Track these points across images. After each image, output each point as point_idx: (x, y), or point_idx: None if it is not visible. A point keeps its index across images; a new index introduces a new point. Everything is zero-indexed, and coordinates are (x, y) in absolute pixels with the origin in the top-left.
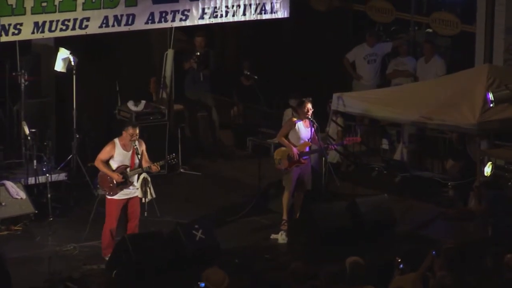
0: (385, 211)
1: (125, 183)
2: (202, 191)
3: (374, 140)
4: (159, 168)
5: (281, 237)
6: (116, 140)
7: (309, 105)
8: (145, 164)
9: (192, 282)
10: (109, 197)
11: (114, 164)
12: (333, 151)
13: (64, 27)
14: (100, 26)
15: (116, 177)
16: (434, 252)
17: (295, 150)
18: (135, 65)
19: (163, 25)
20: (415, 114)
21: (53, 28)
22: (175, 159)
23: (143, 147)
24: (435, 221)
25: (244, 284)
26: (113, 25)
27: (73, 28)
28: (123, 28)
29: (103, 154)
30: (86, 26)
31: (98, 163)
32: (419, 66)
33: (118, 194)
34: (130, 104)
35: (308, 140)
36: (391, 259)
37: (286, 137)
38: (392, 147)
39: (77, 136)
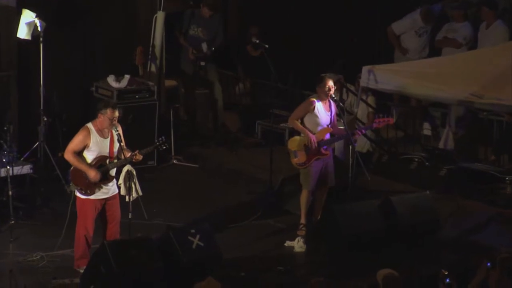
0: (426, 211)
1: (105, 178)
2: (200, 187)
3: (413, 124)
4: (141, 158)
5: (298, 245)
6: (90, 125)
7: (331, 83)
8: (126, 154)
9: None
10: (84, 196)
11: (90, 156)
12: (362, 138)
13: None
14: None
15: (93, 175)
16: (488, 263)
17: (312, 136)
18: (116, 32)
19: None
20: (463, 91)
21: None
22: (166, 144)
23: (120, 130)
24: (489, 224)
25: None
26: None
27: None
28: None
29: (75, 144)
30: None
31: (69, 156)
32: (480, 32)
33: (96, 193)
34: (111, 80)
35: (328, 125)
36: (434, 272)
37: (302, 121)
38: (436, 133)
39: (45, 119)
